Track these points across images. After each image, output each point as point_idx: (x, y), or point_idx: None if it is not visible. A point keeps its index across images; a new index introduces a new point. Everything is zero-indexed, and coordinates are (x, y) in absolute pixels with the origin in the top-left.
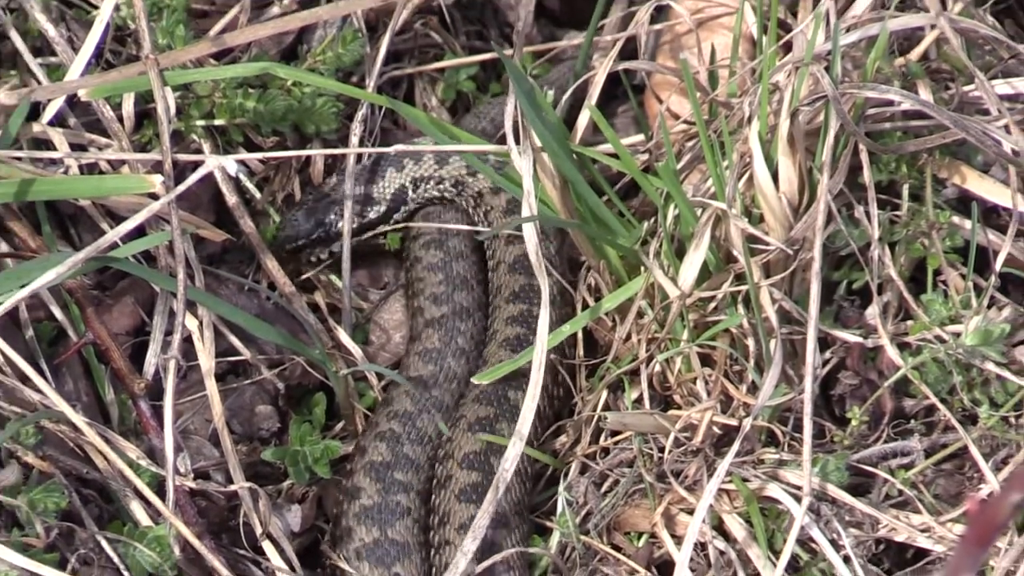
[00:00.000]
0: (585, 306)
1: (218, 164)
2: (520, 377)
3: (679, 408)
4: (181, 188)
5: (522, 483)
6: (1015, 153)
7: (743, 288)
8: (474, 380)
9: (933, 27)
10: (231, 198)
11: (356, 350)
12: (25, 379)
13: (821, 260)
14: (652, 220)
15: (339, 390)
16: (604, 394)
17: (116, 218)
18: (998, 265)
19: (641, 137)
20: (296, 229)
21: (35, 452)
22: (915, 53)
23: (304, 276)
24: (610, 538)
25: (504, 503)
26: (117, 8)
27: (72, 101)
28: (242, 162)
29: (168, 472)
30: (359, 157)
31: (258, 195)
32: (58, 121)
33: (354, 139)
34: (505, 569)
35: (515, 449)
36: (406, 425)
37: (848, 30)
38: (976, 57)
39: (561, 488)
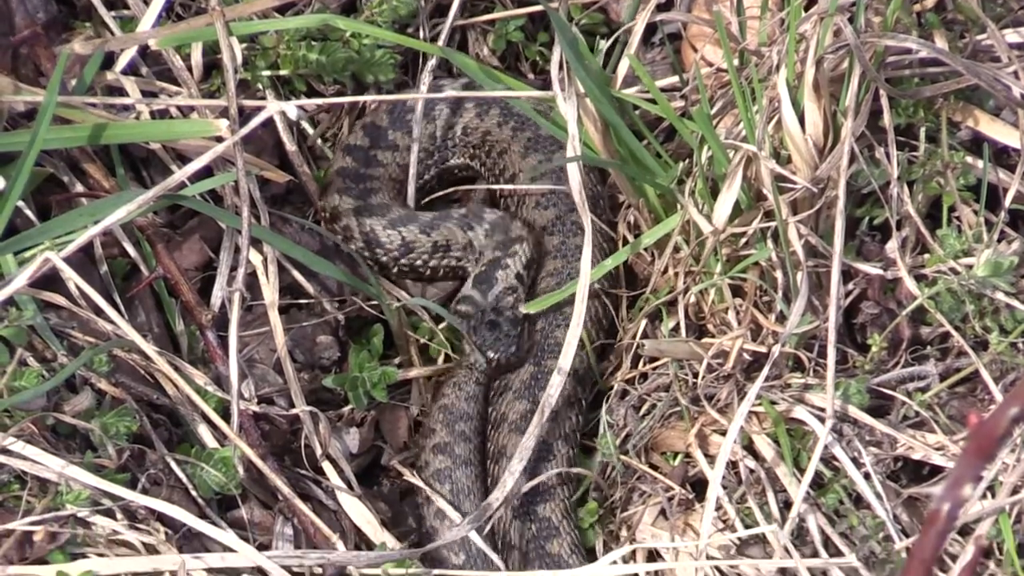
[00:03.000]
0: (625, 242)
1: (279, 109)
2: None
3: (712, 336)
4: (245, 131)
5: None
6: (1023, 98)
7: (772, 224)
8: (523, 309)
9: None
10: (290, 145)
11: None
12: (99, 311)
13: (844, 198)
14: (687, 161)
15: (393, 322)
16: (643, 323)
17: (186, 161)
18: (1008, 202)
19: (676, 79)
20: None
21: (108, 379)
22: (931, 3)
23: None
24: (648, 458)
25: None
26: None
27: (144, 51)
28: (302, 108)
29: (233, 397)
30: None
31: (319, 140)
32: (131, 70)
33: (423, 87)
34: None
35: (559, 377)
36: None
37: None
38: (988, 8)
39: (603, 411)
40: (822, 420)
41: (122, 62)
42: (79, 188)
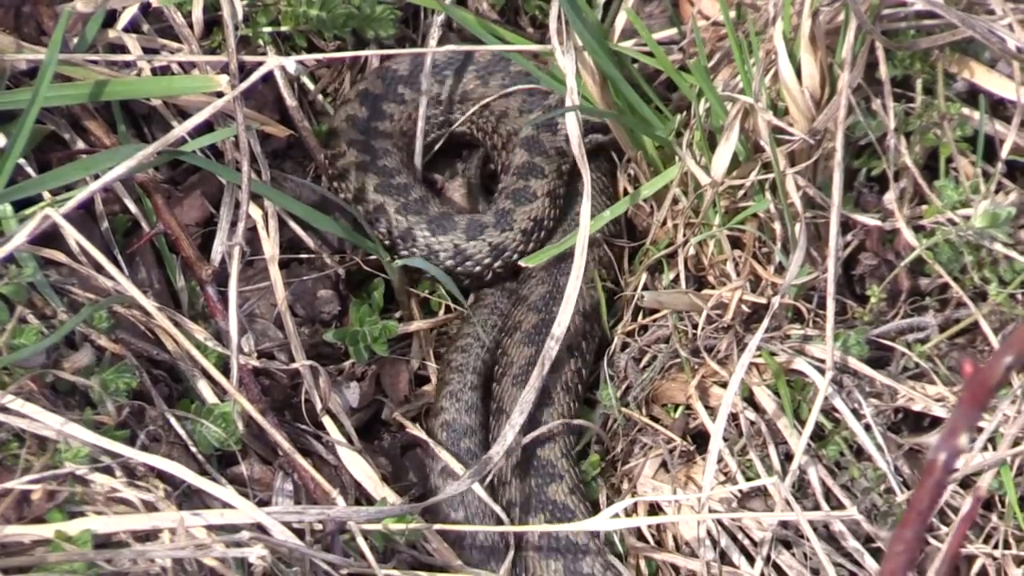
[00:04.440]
0: (625, 194)
1: (278, 64)
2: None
3: (712, 288)
4: (244, 85)
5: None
6: (1019, 50)
7: (770, 176)
8: (522, 263)
9: None
10: (291, 100)
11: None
12: (100, 268)
13: (842, 149)
14: (685, 114)
15: (394, 277)
16: (644, 276)
17: (187, 117)
18: (1004, 153)
19: (674, 32)
20: None
21: (108, 335)
22: None
23: None
24: (649, 410)
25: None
26: None
27: (145, 9)
28: (302, 63)
29: (233, 352)
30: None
31: (319, 96)
32: (132, 27)
33: (432, 42)
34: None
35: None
36: None
37: None
38: None
39: (604, 363)
40: (822, 371)
41: (124, 19)
42: (80, 145)
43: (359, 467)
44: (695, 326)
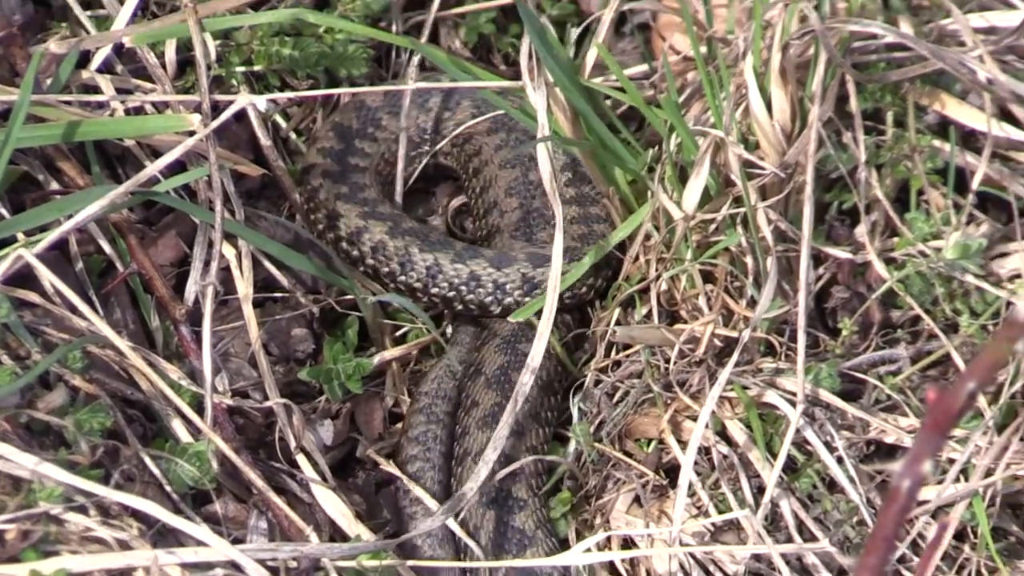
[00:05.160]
0: None
1: (249, 101)
2: None
3: (684, 322)
4: (216, 123)
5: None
6: (989, 81)
7: (741, 210)
8: (509, 318)
9: None
10: (264, 139)
11: None
12: (74, 309)
13: (813, 183)
14: (657, 148)
15: (368, 314)
16: (617, 311)
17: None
18: (975, 184)
19: (645, 67)
20: None
21: (82, 375)
22: None
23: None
24: (622, 445)
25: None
26: None
27: (119, 50)
28: (273, 101)
29: (207, 391)
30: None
31: (292, 134)
32: (105, 68)
33: (411, 80)
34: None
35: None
36: None
37: None
38: None
39: (576, 399)
40: (794, 404)
41: (97, 60)
42: (54, 186)
43: (333, 505)
44: (667, 360)
